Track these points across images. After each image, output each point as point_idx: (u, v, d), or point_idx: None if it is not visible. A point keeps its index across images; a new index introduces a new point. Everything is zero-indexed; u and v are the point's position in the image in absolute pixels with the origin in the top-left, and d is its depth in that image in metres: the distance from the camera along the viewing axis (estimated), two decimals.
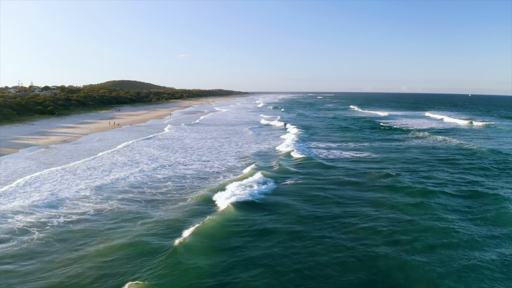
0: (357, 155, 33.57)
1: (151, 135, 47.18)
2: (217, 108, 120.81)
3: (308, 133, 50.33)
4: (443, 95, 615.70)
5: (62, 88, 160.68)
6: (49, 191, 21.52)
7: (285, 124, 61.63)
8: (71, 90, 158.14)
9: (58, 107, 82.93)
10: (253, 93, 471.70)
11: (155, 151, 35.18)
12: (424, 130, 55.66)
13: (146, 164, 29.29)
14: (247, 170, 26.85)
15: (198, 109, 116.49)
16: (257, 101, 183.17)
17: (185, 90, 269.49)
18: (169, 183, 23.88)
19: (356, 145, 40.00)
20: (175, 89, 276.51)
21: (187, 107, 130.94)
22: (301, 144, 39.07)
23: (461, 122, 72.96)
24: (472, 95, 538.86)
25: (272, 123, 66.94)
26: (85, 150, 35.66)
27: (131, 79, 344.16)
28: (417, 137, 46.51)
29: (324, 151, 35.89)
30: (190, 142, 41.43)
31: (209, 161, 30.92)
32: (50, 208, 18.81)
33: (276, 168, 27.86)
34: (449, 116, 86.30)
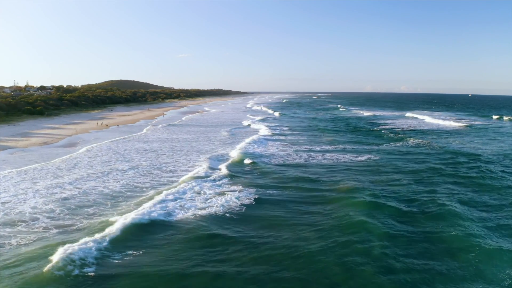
0: (320, 161, 31.39)
1: (126, 136, 46.40)
2: (207, 108, 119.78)
3: (278, 135, 48.85)
4: (443, 95, 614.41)
5: (58, 88, 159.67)
6: None
7: (262, 126, 60.38)
8: (67, 90, 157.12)
9: (49, 107, 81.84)
10: (251, 93, 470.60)
11: (111, 156, 32.99)
12: (400, 131, 54.77)
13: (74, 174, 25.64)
14: (183, 178, 24.60)
15: (193, 109, 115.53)
16: (250, 101, 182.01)
17: (183, 90, 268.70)
18: (77, 200, 20.20)
19: (325, 147, 38.17)
20: (173, 89, 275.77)
21: (183, 107, 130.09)
22: (262, 148, 37.23)
23: (443, 122, 71.51)
24: (472, 95, 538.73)
25: (250, 123, 66.30)
26: (57, 154, 34.14)
27: (130, 79, 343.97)
28: (392, 139, 44.79)
29: (284, 154, 34.07)
30: (155, 145, 39.08)
31: (152, 168, 28.21)
32: None
33: (217, 175, 25.47)
34: (432, 116, 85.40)
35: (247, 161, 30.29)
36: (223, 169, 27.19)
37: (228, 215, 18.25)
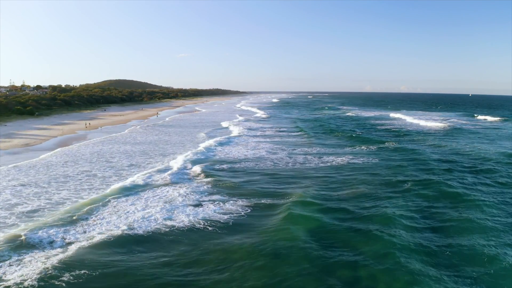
0: (285, 166, 29.93)
1: (107, 136, 45.95)
2: (199, 109, 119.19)
3: (255, 136, 48.15)
4: (443, 95, 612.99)
5: (54, 88, 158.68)
6: None
7: (241, 127, 59.31)
8: (63, 89, 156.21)
9: (40, 107, 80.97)
10: (250, 93, 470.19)
11: (70, 161, 30.93)
12: (377, 132, 54.65)
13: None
14: (111, 188, 22.70)
15: (187, 109, 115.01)
16: (243, 101, 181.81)
17: (181, 89, 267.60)
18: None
19: (294, 150, 36.91)
20: (172, 89, 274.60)
21: (179, 106, 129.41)
22: (226, 150, 36.46)
23: (424, 123, 70.45)
24: (472, 95, 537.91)
25: (232, 124, 65.93)
26: (30, 157, 32.86)
27: (129, 79, 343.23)
28: (365, 141, 43.78)
29: (248, 158, 32.82)
30: (123, 148, 37.48)
31: (98, 174, 26.59)
32: None
33: (156, 183, 23.98)
34: (416, 116, 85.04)
35: (198, 167, 28.43)
36: (167, 177, 25.55)
37: (150, 237, 15.95)
